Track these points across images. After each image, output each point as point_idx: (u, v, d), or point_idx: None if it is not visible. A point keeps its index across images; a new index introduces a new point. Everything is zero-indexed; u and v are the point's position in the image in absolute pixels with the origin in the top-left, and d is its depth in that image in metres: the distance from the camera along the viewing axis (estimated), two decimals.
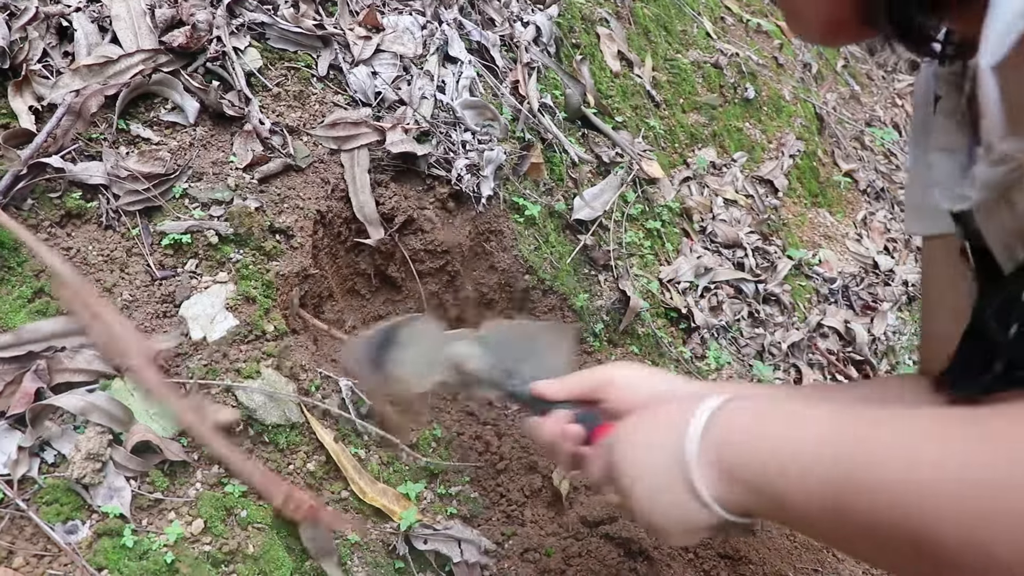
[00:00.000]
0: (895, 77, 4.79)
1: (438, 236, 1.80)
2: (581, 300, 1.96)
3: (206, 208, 1.48)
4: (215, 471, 1.26)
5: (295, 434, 1.34)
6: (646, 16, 2.88)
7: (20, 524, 1.11)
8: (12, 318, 1.25)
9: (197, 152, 1.53)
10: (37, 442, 1.16)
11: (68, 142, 1.42)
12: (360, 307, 1.81)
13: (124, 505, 1.16)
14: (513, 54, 2.20)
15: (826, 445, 0.69)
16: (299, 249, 1.55)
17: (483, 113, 1.94)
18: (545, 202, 2.03)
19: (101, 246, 1.39)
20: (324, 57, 1.78)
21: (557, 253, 1.99)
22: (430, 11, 2.03)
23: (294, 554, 1.25)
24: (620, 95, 2.53)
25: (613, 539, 1.60)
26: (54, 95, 1.43)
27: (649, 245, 2.25)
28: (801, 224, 2.95)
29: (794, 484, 0.70)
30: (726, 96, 3.01)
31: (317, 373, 1.45)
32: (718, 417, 0.79)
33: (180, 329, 1.35)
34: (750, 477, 0.74)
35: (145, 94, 1.54)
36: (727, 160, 2.86)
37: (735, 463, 0.75)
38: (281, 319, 1.46)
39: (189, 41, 1.56)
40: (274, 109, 1.66)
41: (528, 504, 1.63)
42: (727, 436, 0.77)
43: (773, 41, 3.63)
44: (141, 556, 1.13)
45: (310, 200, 1.60)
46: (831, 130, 3.55)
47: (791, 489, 0.70)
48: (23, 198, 1.36)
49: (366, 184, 1.68)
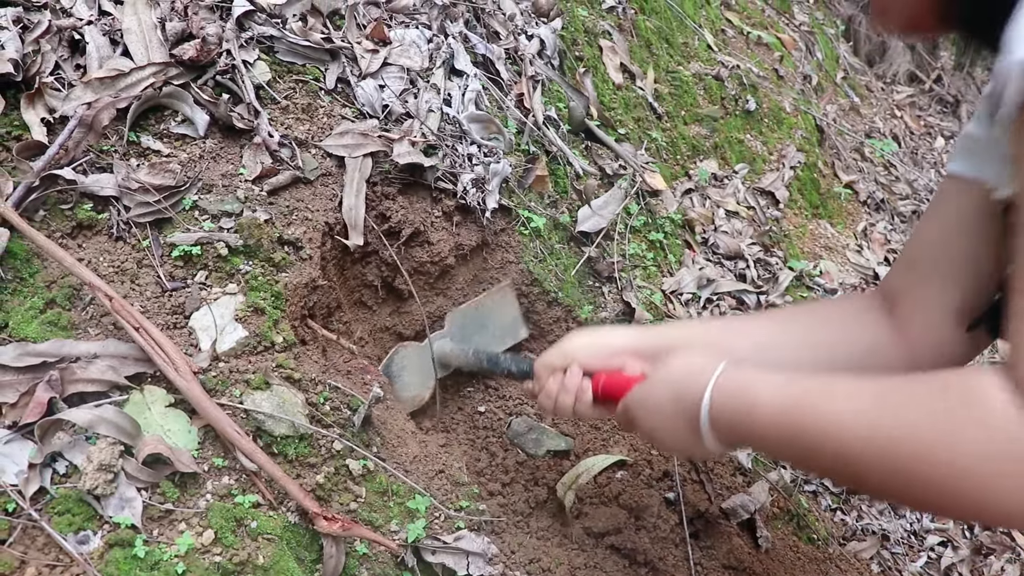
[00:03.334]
0: (894, 89, 4.81)
1: (444, 248, 1.81)
2: (586, 312, 1.97)
3: (216, 220, 1.50)
4: (225, 482, 1.27)
5: (304, 445, 1.35)
6: (648, 29, 2.90)
7: (32, 534, 1.12)
8: (24, 328, 1.26)
9: (207, 164, 1.54)
10: (48, 456, 1.17)
11: (80, 154, 1.44)
12: (367, 318, 1.82)
13: (135, 516, 1.17)
14: (518, 67, 2.22)
15: (791, 411, 0.98)
16: (308, 261, 1.56)
17: (488, 126, 1.95)
18: (550, 214, 2.04)
19: (112, 257, 1.40)
20: (332, 70, 1.80)
21: (562, 265, 2.00)
22: (436, 25, 2.05)
23: (304, 565, 1.25)
24: (623, 107, 2.55)
25: (619, 550, 1.61)
26: (66, 107, 1.45)
27: (652, 257, 2.27)
28: (802, 235, 2.97)
29: (770, 437, 1.02)
30: (727, 108, 3.03)
31: (326, 384, 1.46)
32: (716, 390, 1.08)
33: (208, 352, 1.36)
34: (742, 434, 1.08)
35: (156, 107, 1.55)
36: (728, 172, 2.88)
37: (732, 425, 1.07)
38: (290, 330, 1.47)
39: (199, 54, 1.58)
40: (283, 122, 1.67)
41: (533, 515, 1.64)
42: (723, 406, 1.07)
43: (773, 53, 3.66)
44: (152, 567, 1.14)
45: (318, 212, 1.61)
46: (831, 142, 3.57)
47: (768, 438, 1.03)
48: (35, 209, 1.37)
49: (362, 189, 1.68)
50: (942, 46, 5.19)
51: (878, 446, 0.88)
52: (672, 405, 1.15)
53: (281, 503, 1.29)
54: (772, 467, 2.07)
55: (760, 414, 1.02)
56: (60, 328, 1.29)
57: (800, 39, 4.03)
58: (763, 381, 1.05)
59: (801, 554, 1.90)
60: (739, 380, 1.08)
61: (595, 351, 1.32)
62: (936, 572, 2.18)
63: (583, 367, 1.32)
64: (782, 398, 1.00)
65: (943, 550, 2.24)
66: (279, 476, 1.26)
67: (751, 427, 1.04)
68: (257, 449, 1.26)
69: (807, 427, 0.96)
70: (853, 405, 0.93)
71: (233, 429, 1.25)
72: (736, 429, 1.07)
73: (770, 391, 1.02)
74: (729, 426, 1.07)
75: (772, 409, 1.01)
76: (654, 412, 1.18)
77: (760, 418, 1.02)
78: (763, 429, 1.02)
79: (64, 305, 1.32)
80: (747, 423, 1.04)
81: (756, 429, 1.03)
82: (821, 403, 0.96)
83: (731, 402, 1.07)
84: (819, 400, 0.97)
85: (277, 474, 1.26)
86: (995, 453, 0.79)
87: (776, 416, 1.00)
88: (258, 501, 1.27)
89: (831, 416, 0.94)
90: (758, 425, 1.02)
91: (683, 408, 1.12)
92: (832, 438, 0.93)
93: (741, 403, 1.06)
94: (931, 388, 0.87)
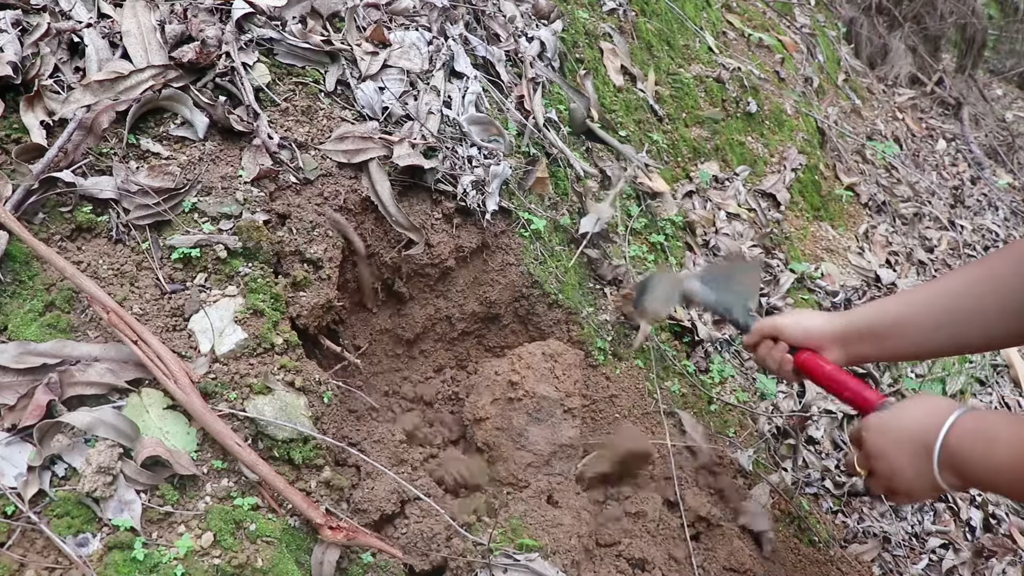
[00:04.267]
0: (895, 91, 4.81)
1: (444, 250, 1.81)
2: (586, 313, 1.97)
3: (215, 222, 1.49)
4: (224, 484, 1.27)
5: (307, 449, 1.34)
6: (649, 31, 2.90)
7: (32, 537, 1.12)
8: (24, 331, 1.26)
9: (206, 167, 1.54)
10: (47, 459, 1.17)
11: (79, 156, 1.44)
12: (366, 319, 1.82)
13: (135, 518, 1.17)
14: (518, 69, 2.22)
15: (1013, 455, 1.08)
16: (327, 281, 1.56)
17: (489, 128, 1.95)
18: (550, 216, 2.04)
19: (111, 260, 1.40)
20: (332, 72, 1.80)
21: (562, 267, 2.00)
22: (436, 27, 2.05)
23: (303, 568, 1.25)
24: (623, 109, 2.55)
25: (627, 559, 1.60)
26: (65, 110, 1.45)
27: (653, 259, 2.26)
28: (803, 237, 2.97)
29: (1005, 470, 1.09)
30: (728, 110, 3.03)
31: (328, 385, 1.46)
32: (950, 434, 1.16)
33: (208, 355, 1.36)
34: (976, 468, 1.14)
35: (155, 109, 1.55)
36: (729, 174, 2.88)
37: (967, 459, 1.14)
38: (291, 331, 1.46)
39: (198, 57, 1.58)
40: (282, 124, 1.67)
41: None
42: (957, 449, 1.15)
43: (775, 55, 3.66)
44: (151, 569, 1.13)
45: (321, 216, 1.61)
46: (832, 144, 3.57)
47: (1003, 470, 1.10)
48: (35, 212, 1.37)
49: (393, 197, 1.71)
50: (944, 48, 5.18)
51: None
52: (909, 434, 1.24)
53: (281, 505, 1.29)
54: (773, 469, 2.06)
55: (998, 449, 1.10)
56: (59, 331, 1.29)
57: (801, 41, 4.03)
58: (1003, 419, 1.15)
59: (802, 556, 1.90)
60: (979, 417, 1.17)
61: (798, 331, 1.47)
62: (937, 574, 2.17)
63: (789, 341, 1.47)
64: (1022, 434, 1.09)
65: (944, 552, 2.23)
66: (282, 488, 1.26)
67: (988, 460, 1.11)
68: (259, 460, 1.26)
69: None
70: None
71: (234, 441, 1.25)
72: (969, 463, 1.14)
73: (1012, 428, 1.10)
74: (964, 460, 1.15)
75: (1011, 444, 1.09)
76: (892, 441, 1.27)
77: (999, 452, 1.10)
78: (1000, 462, 1.10)
79: (63, 308, 1.32)
80: (984, 458, 1.12)
81: (993, 461, 1.11)
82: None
83: (968, 436, 1.15)
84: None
85: (280, 485, 1.25)
86: None
87: (1015, 449, 1.08)
88: (257, 504, 1.27)
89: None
90: (997, 458, 1.10)
91: (919, 439, 1.21)
92: None
93: (979, 437, 1.14)
94: None
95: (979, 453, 1.13)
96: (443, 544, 1.43)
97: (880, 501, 2.27)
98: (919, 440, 1.21)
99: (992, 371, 2.90)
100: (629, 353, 2.01)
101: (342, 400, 1.60)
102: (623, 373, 1.96)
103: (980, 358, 2.81)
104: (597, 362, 1.94)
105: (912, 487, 1.24)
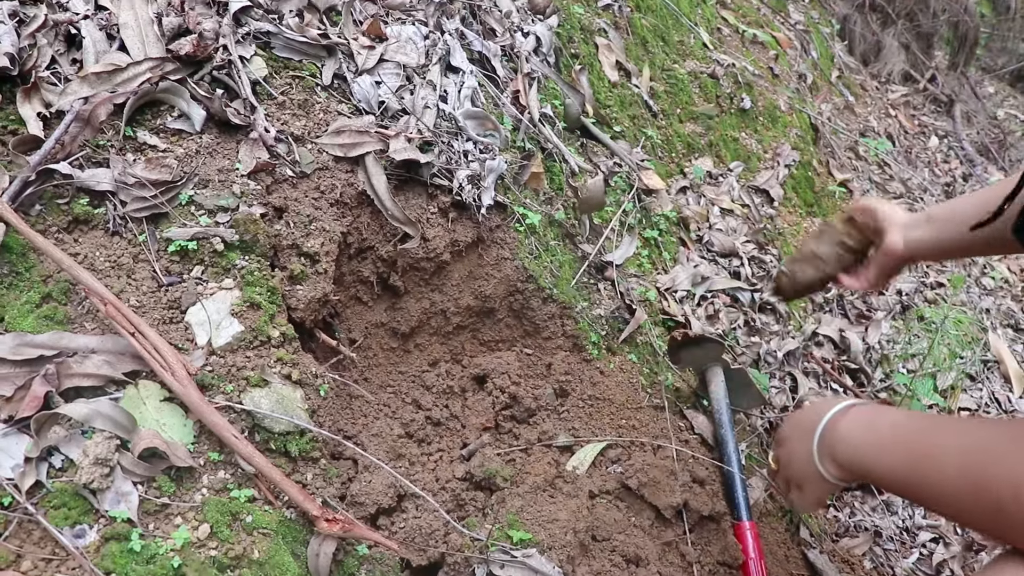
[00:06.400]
0: (889, 88, 4.83)
1: (440, 244, 1.81)
2: (581, 308, 1.98)
3: (212, 215, 1.50)
4: (221, 476, 1.27)
5: (304, 441, 1.35)
6: (644, 27, 2.90)
7: (28, 528, 1.12)
8: (21, 322, 1.26)
9: (203, 159, 1.54)
10: (44, 450, 1.17)
11: (76, 148, 1.44)
12: (362, 313, 1.83)
13: (131, 510, 1.17)
14: (514, 64, 2.22)
15: (898, 448, 1.09)
16: (323, 275, 1.56)
17: (484, 123, 1.96)
18: (545, 211, 2.04)
19: (108, 252, 1.40)
20: (328, 66, 1.80)
21: (557, 262, 2.00)
22: (432, 21, 2.05)
23: (299, 560, 1.26)
24: (618, 105, 2.56)
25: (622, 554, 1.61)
26: (62, 102, 1.45)
27: (647, 254, 2.27)
28: (797, 233, 2.98)
29: (881, 471, 1.11)
30: (722, 106, 3.04)
31: (324, 379, 1.47)
32: (828, 427, 1.21)
33: (204, 347, 1.36)
34: (853, 466, 1.16)
35: (152, 102, 1.55)
36: (723, 170, 2.89)
37: (844, 455, 1.17)
38: (287, 325, 1.47)
39: (196, 49, 1.58)
40: (279, 117, 1.67)
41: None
42: (840, 435, 1.18)
43: (769, 52, 3.67)
44: (148, 560, 1.14)
45: (320, 210, 1.61)
46: (826, 140, 3.59)
47: (879, 473, 1.11)
48: (31, 204, 1.37)
49: (389, 191, 1.71)
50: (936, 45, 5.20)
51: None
52: (806, 422, 1.27)
53: (277, 497, 1.29)
54: (765, 464, 2.08)
55: (881, 433, 1.12)
56: (56, 322, 1.29)
57: (795, 38, 4.04)
58: (895, 411, 1.17)
59: (792, 551, 1.91)
60: (874, 410, 1.18)
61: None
62: (928, 568, 2.19)
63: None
64: (904, 418, 1.12)
65: (935, 547, 2.25)
66: (279, 480, 1.26)
67: (870, 447, 1.13)
68: (256, 452, 1.26)
69: (919, 466, 1.05)
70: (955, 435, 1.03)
71: (231, 433, 1.26)
72: (849, 448, 1.16)
73: (896, 415, 1.13)
74: (845, 445, 1.17)
75: (894, 425, 1.11)
76: (793, 427, 1.32)
77: (881, 438, 1.12)
78: (883, 446, 1.11)
79: (60, 300, 1.32)
80: (863, 444, 1.14)
81: (875, 447, 1.12)
82: (938, 443, 1.04)
83: (855, 425, 1.17)
84: (937, 441, 1.05)
85: (277, 478, 1.26)
86: None
87: (897, 431, 1.10)
88: (254, 495, 1.27)
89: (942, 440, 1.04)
90: (880, 443, 1.12)
91: (808, 426, 1.25)
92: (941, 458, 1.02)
93: (861, 424, 1.16)
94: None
95: (858, 438, 1.15)
96: (440, 540, 1.44)
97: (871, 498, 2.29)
98: (808, 427, 1.25)
99: (983, 367, 2.92)
100: (621, 348, 2.02)
101: (338, 393, 1.60)
102: (616, 367, 1.97)
103: (971, 353, 2.83)
104: (591, 356, 1.95)
105: (802, 475, 1.27)
